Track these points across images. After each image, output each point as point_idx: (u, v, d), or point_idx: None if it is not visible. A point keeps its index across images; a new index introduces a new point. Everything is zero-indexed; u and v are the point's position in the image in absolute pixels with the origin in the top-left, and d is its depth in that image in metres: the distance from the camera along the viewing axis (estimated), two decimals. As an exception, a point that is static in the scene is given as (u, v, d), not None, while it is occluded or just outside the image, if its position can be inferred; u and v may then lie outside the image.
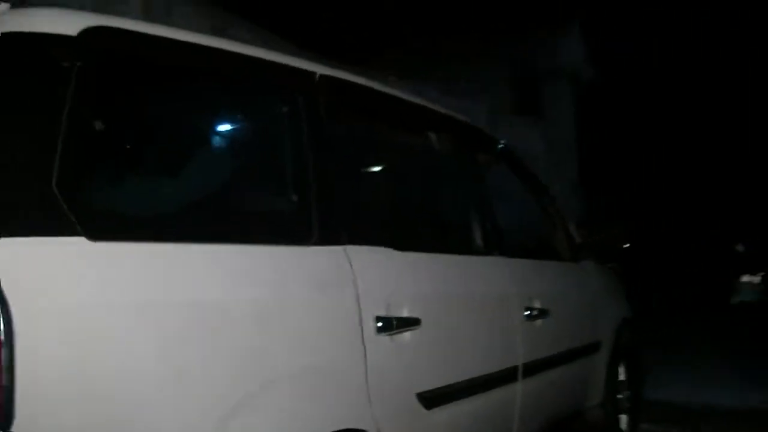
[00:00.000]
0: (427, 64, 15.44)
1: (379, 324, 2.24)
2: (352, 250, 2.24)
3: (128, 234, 1.65)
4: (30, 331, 1.39)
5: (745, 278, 11.95)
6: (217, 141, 2.30)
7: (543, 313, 3.34)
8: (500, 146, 3.77)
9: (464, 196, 3.36)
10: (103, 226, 1.60)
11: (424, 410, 2.45)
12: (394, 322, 2.31)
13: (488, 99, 13.81)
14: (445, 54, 15.89)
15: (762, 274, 12.15)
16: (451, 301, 2.77)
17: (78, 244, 1.52)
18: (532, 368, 3.24)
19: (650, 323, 5.27)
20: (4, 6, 1.83)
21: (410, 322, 2.38)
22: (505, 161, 3.84)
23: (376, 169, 2.91)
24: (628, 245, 4.75)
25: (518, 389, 3.15)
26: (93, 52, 1.78)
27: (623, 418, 4.46)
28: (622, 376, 4.49)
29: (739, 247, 12.58)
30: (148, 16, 6.80)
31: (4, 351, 1.35)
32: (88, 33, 1.78)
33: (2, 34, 1.70)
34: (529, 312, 3.24)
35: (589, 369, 4.09)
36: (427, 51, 15.85)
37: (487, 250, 3.20)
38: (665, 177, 34.81)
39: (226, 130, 2.33)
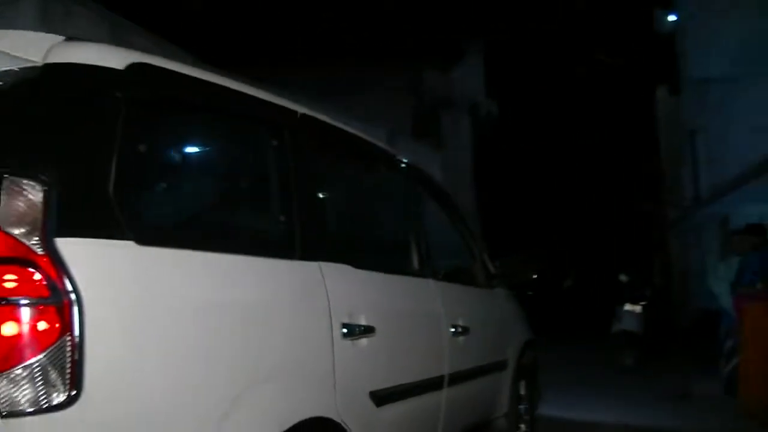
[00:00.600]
0: (328, 84, 15.40)
1: (344, 330, 2.66)
2: (324, 265, 2.66)
3: (164, 241, 2.02)
4: (94, 315, 1.73)
5: (628, 307, 12.36)
6: (228, 169, 2.70)
7: (465, 330, 3.83)
8: (434, 185, 4.42)
9: (405, 225, 3.81)
10: (146, 234, 1.95)
11: (374, 407, 2.85)
12: (356, 329, 2.73)
13: (388, 123, 13.89)
14: (346, 75, 15.90)
15: (643, 303, 12.60)
16: (398, 314, 3.22)
17: (128, 246, 1.89)
18: (455, 378, 3.68)
19: (543, 347, 5.81)
20: (60, 38, 2.11)
21: (368, 330, 2.80)
22: (437, 198, 4.40)
23: (337, 197, 3.27)
24: (536, 276, 5.17)
25: (444, 396, 3.59)
26: (137, 83, 2.11)
27: (522, 428, 5.00)
28: (522, 392, 5.04)
29: (623, 277, 13.01)
30: (45, 22, 6.51)
31: (77, 332, 1.68)
32: (133, 67, 2.11)
33: (57, 63, 1.98)
34: (454, 329, 3.72)
35: (498, 383, 4.61)
36: (329, 71, 15.82)
37: (422, 273, 3.67)
38: (557, 209, 36.05)
39: (237, 161, 2.74)
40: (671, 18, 14.41)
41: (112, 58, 2.10)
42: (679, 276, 16.43)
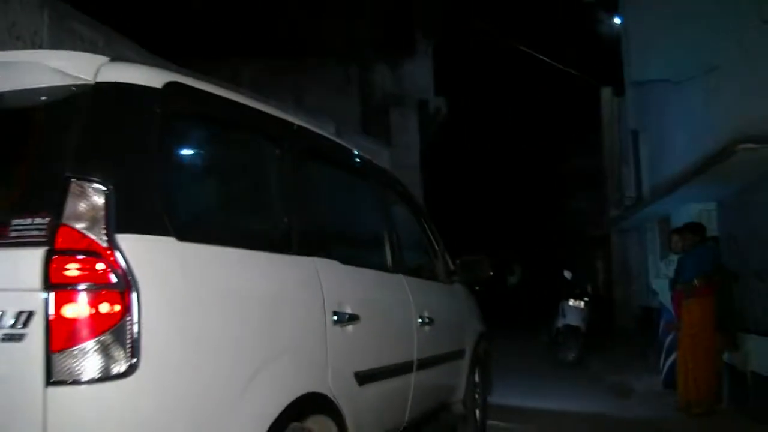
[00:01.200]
0: (276, 77, 15.29)
1: (335, 317, 3.06)
2: (318, 260, 3.07)
3: (197, 238, 2.36)
4: (147, 299, 2.05)
5: (571, 303, 12.57)
6: (243, 175, 3.04)
7: (431, 321, 4.27)
8: (403, 188, 4.90)
9: (380, 226, 4.18)
10: (184, 232, 2.28)
11: (357, 386, 3.23)
12: (344, 317, 3.13)
13: (337, 118, 13.85)
14: (294, 69, 15.80)
15: (586, 300, 12.84)
16: (376, 304, 3.64)
17: (171, 242, 2.22)
18: (422, 364, 4.11)
19: (494, 340, 6.28)
20: (105, 59, 2.41)
21: (353, 318, 3.20)
22: (406, 201, 4.90)
23: (326, 200, 3.64)
24: (492, 273, 5.53)
25: (412, 379, 4.00)
26: (172, 100, 2.45)
27: (476, 413, 5.50)
28: (477, 379, 5.53)
29: (567, 274, 13.23)
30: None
31: (134, 313, 2.01)
32: (169, 86, 2.46)
33: (106, 82, 2.29)
34: (421, 319, 4.16)
35: (456, 370, 5.07)
36: (277, 65, 15.70)
37: (394, 269, 4.08)
38: (502, 206, 36.43)
39: (249, 168, 3.11)
40: (616, 20, 14.68)
41: (152, 77, 2.44)
42: (621, 273, 16.79)
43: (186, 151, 2.69)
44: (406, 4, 16.82)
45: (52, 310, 1.98)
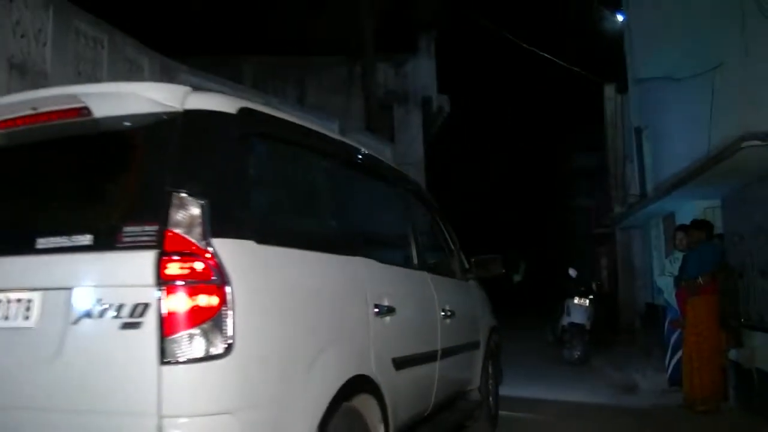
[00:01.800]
0: (281, 75, 15.29)
1: (376, 309, 3.54)
2: (361, 259, 3.56)
3: (271, 241, 2.82)
4: (237, 291, 2.50)
5: (576, 301, 12.55)
6: (303, 187, 3.51)
7: (452, 314, 4.76)
8: (424, 193, 5.50)
9: (407, 228, 4.67)
10: (261, 236, 2.75)
11: (394, 371, 3.66)
12: (384, 309, 3.61)
13: (340, 115, 13.84)
14: (299, 67, 15.80)
15: (590, 297, 12.83)
16: (407, 299, 4.13)
17: (251, 245, 2.70)
18: (445, 353, 4.58)
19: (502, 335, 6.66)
20: (187, 88, 2.85)
21: (391, 310, 3.68)
22: (426, 205, 5.39)
23: (364, 206, 4.17)
24: (504, 271, 5.90)
25: (437, 366, 4.46)
26: (244, 123, 2.94)
27: (489, 400, 5.95)
28: (490, 369, 5.98)
29: (571, 272, 13.21)
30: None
31: (229, 304, 2.45)
32: (241, 111, 2.94)
33: (192, 110, 2.75)
34: (444, 313, 4.65)
35: (473, 360, 5.56)
36: (282, 62, 15.70)
37: (419, 267, 4.58)
38: (506, 204, 36.41)
39: (307, 181, 3.54)
40: (619, 18, 14.65)
41: (227, 104, 2.93)
42: (626, 271, 16.76)
43: (256, 166, 3.05)
44: (409, 2, 16.80)
45: (163, 303, 2.44)
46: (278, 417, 2.70)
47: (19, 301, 2.69)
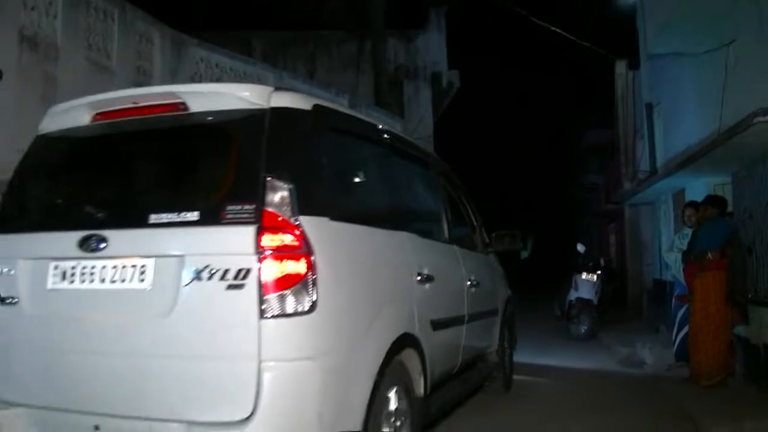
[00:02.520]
0: (289, 50, 15.24)
1: (419, 277, 4.22)
2: (405, 234, 4.23)
3: (341, 218, 3.42)
4: (318, 259, 3.09)
5: (584, 276, 12.57)
6: (365, 172, 4.20)
7: (477, 284, 5.49)
8: (452, 174, 6.00)
9: (439, 205, 5.30)
10: (334, 214, 3.33)
11: (432, 331, 4.31)
12: (424, 276, 4.28)
13: (350, 90, 13.82)
14: (308, 43, 15.75)
15: (598, 273, 12.85)
16: (442, 269, 4.73)
17: (326, 221, 3.27)
18: (470, 317, 5.28)
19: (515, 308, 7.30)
20: (272, 89, 3.42)
21: (429, 278, 4.35)
22: (454, 186, 5.93)
23: (408, 188, 4.81)
24: (522, 246, 6.65)
25: (464, 329, 5.16)
26: (317, 118, 3.51)
27: (505, 363, 6.73)
28: (506, 335, 6.70)
29: (580, 248, 13.22)
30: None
31: (313, 269, 3.04)
32: (314, 107, 3.52)
33: (277, 107, 3.32)
34: (469, 282, 5.35)
35: (492, 326, 6.28)
36: (291, 37, 15.65)
37: (450, 241, 5.23)
38: (515, 180, 36.33)
39: (369, 167, 4.25)
40: (631, -7, 14.49)
41: (303, 102, 3.50)
42: (634, 247, 16.77)
43: (327, 154, 3.57)
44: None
45: (262, 268, 3.00)
46: (348, 364, 3.29)
47: (133, 266, 3.25)
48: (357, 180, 4.13)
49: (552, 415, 6.27)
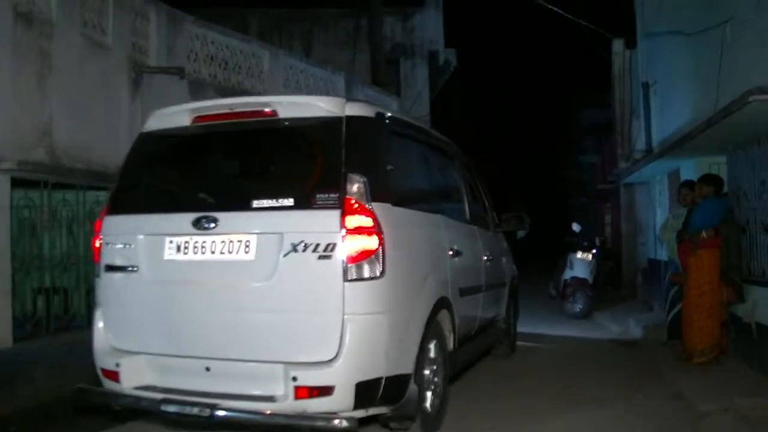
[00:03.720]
0: (286, 28, 15.16)
1: (451, 252, 5.24)
2: (440, 216, 5.25)
3: (400, 204, 4.34)
4: (386, 237, 4.00)
5: (579, 255, 12.62)
6: (416, 166, 5.26)
7: (491, 259, 6.63)
8: (469, 161, 6.97)
9: (461, 191, 6.29)
10: (395, 200, 4.25)
11: (459, 297, 5.31)
12: (455, 252, 5.32)
13: (346, 68, 13.77)
14: (304, 20, 15.66)
15: (593, 252, 12.90)
16: (466, 245, 5.75)
17: (389, 206, 4.15)
18: (486, 287, 6.38)
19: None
20: (344, 100, 4.35)
21: (459, 253, 5.41)
22: (469, 169, 6.87)
23: (439, 176, 5.86)
24: (527, 228, 7.62)
25: (481, 297, 6.22)
26: (378, 123, 4.47)
27: (510, 330, 7.95)
28: (511, 306, 7.87)
29: (575, 227, 13.24)
30: None
31: (383, 245, 3.97)
32: (377, 114, 4.48)
33: (350, 115, 4.24)
34: (485, 257, 6.45)
35: (502, 296, 7.35)
36: (287, 14, 15.56)
37: (470, 222, 6.27)
38: (511, 159, 36.29)
39: (418, 163, 5.30)
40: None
41: (368, 110, 4.47)
42: (629, 226, 16.82)
43: (386, 152, 4.55)
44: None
45: (345, 243, 3.90)
46: (405, 319, 4.24)
47: (239, 241, 4.11)
48: (407, 171, 4.96)
49: (549, 369, 7.68)
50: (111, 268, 4.46)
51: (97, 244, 4.57)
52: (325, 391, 3.84)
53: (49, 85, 6.86)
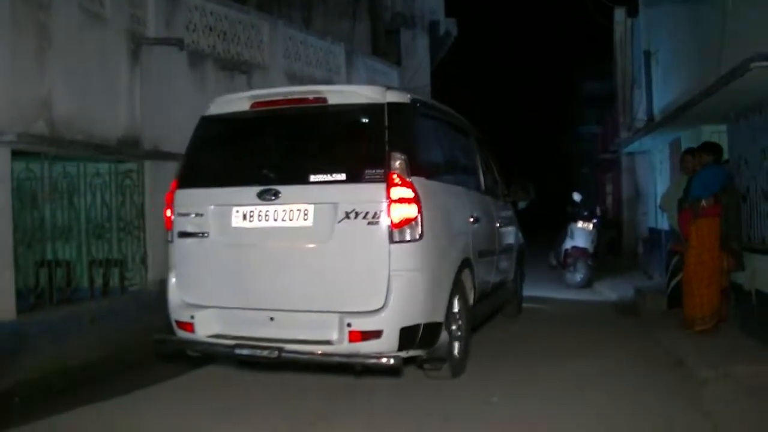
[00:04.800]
0: (287, 0, 15.02)
1: (471, 219, 6.04)
2: (461, 188, 6.11)
3: (432, 177, 5.19)
4: (423, 205, 4.80)
5: (580, 225, 12.64)
6: (446, 146, 6.14)
7: (503, 225, 7.48)
8: (483, 137, 7.71)
9: (478, 165, 7.12)
10: (427, 175, 5.05)
11: (479, 258, 6.13)
12: (475, 218, 6.12)
13: (346, 39, 13.68)
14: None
15: (594, 222, 12.91)
16: (483, 213, 6.53)
17: (424, 180, 4.94)
18: (499, 251, 7.21)
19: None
20: (383, 88, 5.16)
21: (478, 220, 6.19)
22: (482, 144, 7.59)
23: (461, 154, 6.72)
24: (533, 198, 8.40)
25: (495, 259, 7.02)
26: (414, 108, 5.34)
27: (518, 290, 8.92)
28: (518, 269, 8.68)
29: (576, 196, 13.23)
30: None
31: (421, 212, 4.76)
32: (412, 100, 5.29)
33: (390, 102, 5.01)
34: (498, 224, 7.24)
35: (511, 260, 8.12)
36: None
37: (485, 192, 7.04)
38: (512, 130, 36.16)
39: (447, 143, 6.20)
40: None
41: (404, 97, 5.19)
42: (630, 196, 16.81)
43: (421, 133, 5.44)
44: None
45: (390, 211, 4.66)
46: (439, 276, 5.08)
47: (299, 210, 4.89)
48: (435, 149, 5.76)
49: (552, 325, 8.64)
50: (184, 234, 5.22)
51: (168, 214, 5.31)
52: (375, 335, 4.64)
53: (48, 57, 6.82)
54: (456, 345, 5.52)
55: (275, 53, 10.75)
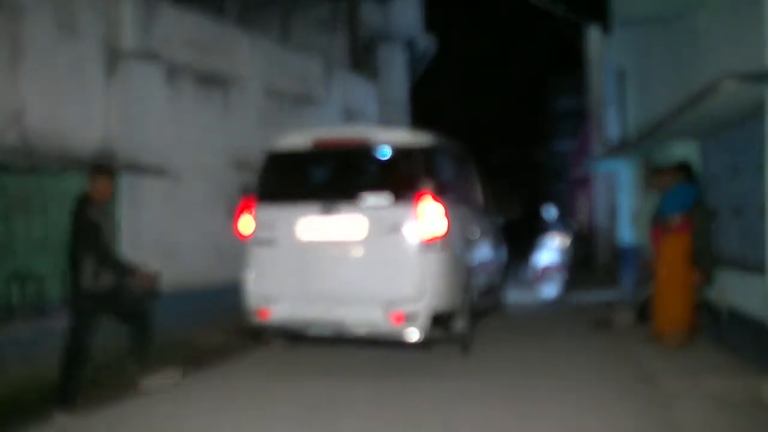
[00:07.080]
0: (264, 11, 15.03)
1: (473, 234, 7.83)
2: (467, 207, 7.87)
3: (442, 199, 6.53)
4: (447, 224, 6.56)
5: (555, 240, 12.73)
6: (455, 173, 7.90)
7: (495, 239, 9.29)
8: (476, 162, 9.03)
9: (476, 186, 8.74)
10: (438, 196, 6.50)
11: (480, 264, 8.02)
12: (476, 234, 7.97)
13: (324, 53, 13.71)
14: (282, 3, 15.54)
15: (568, 237, 13.03)
16: (482, 229, 8.32)
17: (431, 199, 6.43)
18: (491, 261, 8.83)
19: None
20: (416, 132, 7.12)
21: (478, 234, 8.06)
22: (476, 167, 9.01)
23: (466, 178, 8.41)
24: (520, 214, 10.29)
25: (488, 266, 8.63)
26: (434, 148, 7.02)
27: (503, 294, 10.51)
28: (504, 278, 10.24)
29: (550, 212, 13.37)
30: None
31: (447, 228, 6.59)
32: (433, 142, 7.01)
33: (421, 144, 6.84)
34: (491, 237, 8.85)
35: (501, 266, 9.77)
36: (267, 0, 15.43)
37: (483, 210, 8.86)
38: (487, 144, 36.33)
39: (456, 171, 7.97)
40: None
41: (428, 141, 6.92)
42: (603, 212, 16.98)
43: (440, 166, 6.98)
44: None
45: (423, 227, 6.34)
46: (457, 276, 6.76)
47: (353, 223, 6.49)
48: (449, 177, 7.34)
49: (524, 339, 8.66)
50: (259, 241, 6.76)
51: (245, 224, 6.84)
52: (413, 317, 6.24)
53: (21, 69, 6.78)
54: (467, 329, 7.05)
55: (253, 67, 10.76)
